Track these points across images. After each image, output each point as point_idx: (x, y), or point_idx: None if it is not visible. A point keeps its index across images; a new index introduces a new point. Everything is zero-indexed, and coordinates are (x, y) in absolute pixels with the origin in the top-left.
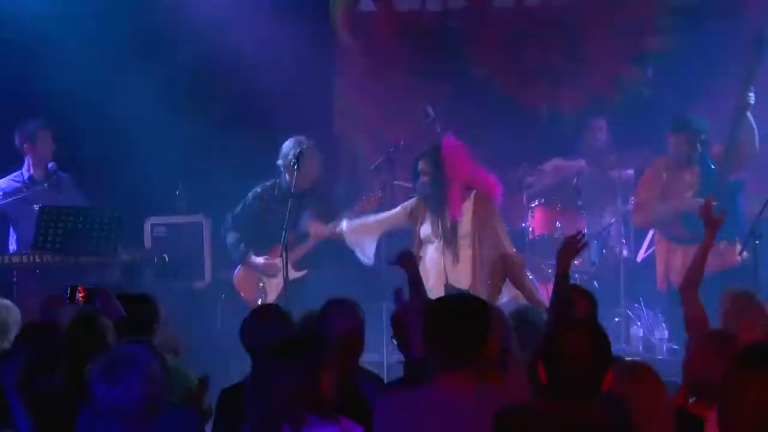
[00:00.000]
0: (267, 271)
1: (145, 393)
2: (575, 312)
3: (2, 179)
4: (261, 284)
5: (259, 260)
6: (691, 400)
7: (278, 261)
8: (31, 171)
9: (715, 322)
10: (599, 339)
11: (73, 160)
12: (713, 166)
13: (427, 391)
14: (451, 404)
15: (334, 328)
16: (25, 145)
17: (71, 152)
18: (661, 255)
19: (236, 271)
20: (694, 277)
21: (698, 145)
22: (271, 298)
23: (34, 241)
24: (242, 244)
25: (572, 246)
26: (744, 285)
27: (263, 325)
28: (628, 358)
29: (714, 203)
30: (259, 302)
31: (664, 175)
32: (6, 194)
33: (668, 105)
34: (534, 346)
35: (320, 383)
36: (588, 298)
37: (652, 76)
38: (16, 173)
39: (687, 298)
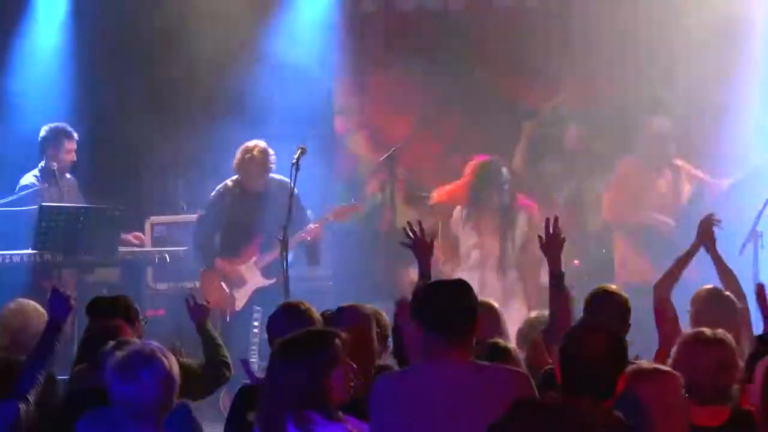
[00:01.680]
0: (230, 280)
1: (157, 391)
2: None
3: (26, 175)
4: (229, 291)
5: (224, 268)
6: None
7: (241, 268)
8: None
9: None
10: (615, 341)
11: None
12: None
13: (422, 370)
14: (446, 381)
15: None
16: (49, 150)
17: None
18: (619, 250)
19: (200, 274)
20: (671, 277)
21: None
22: (240, 305)
23: (34, 240)
24: (207, 248)
25: (555, 240)
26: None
27: (288, 322)
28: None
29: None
30: (227, 309)
31: (636, 176)
32: (22, 189)
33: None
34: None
35: (328, 383)
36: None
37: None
38: (34, 171)
39: (661, 296)
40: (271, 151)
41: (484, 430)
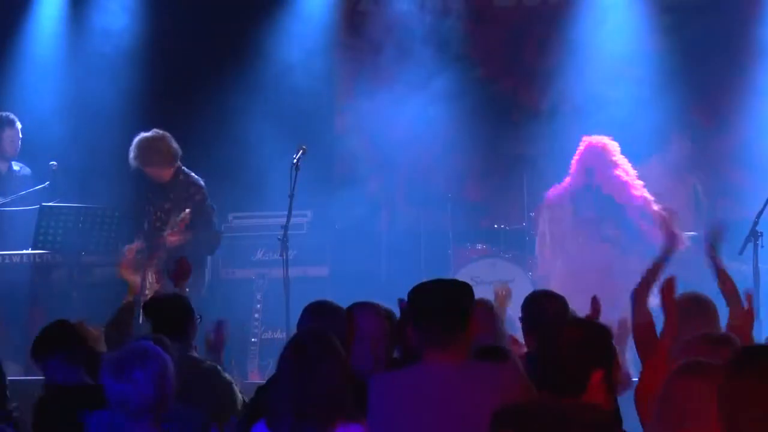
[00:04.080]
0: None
1: (153, 390)
2: None
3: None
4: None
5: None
6: None
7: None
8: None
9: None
10: (586, 337)
11: (74, 160)
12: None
13: (415, 370)
14: (437, 381)
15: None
16: None
17: (72, 152)
18: None
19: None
20: (649, 281)
21: None
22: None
23: (33, 239)
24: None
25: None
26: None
27: (315, 322)
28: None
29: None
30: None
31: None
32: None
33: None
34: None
35: (347, 384)
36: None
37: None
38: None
39: (639, 301)
40: (172, 145)
41: (476, 428)
